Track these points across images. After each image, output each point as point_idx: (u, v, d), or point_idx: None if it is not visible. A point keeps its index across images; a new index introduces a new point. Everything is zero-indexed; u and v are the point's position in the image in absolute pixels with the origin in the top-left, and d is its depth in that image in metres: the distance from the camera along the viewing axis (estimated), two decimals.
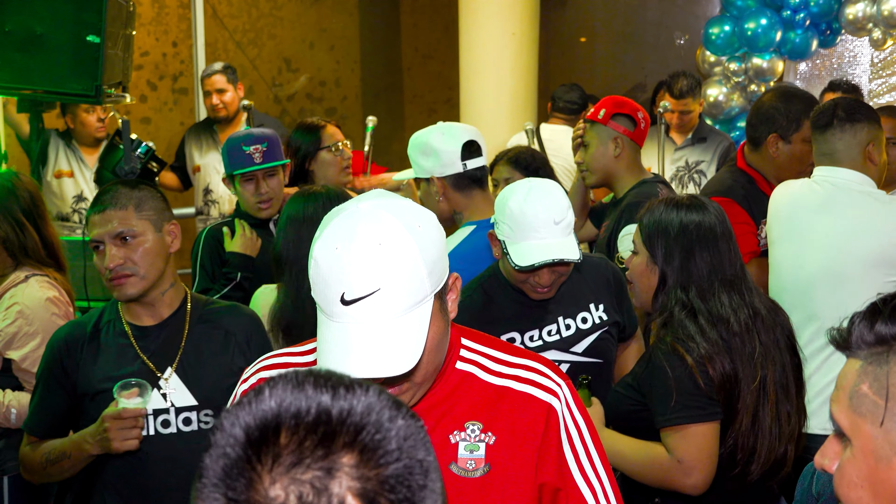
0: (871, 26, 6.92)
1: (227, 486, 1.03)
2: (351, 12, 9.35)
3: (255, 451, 1.04)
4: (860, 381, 1.35)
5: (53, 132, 6.05)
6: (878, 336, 1.35)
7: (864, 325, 1.37)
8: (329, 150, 4.45)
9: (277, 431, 1.05)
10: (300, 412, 1.05)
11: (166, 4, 8.31)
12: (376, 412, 1.07)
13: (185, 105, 8.32)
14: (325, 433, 1.04)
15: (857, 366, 1.37)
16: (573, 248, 3.10)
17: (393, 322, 1.72)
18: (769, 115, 4.22)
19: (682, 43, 8.97)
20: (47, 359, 2.97)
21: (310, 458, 1.03)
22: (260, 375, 2.05)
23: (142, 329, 2.95)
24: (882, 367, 1.34)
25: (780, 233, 3.76)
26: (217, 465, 1.05)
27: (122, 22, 4.51)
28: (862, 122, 3.63)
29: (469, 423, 1.97)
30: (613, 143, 4.14)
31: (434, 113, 9.66)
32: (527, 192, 3.12)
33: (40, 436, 2.99)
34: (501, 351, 2.03)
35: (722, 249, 2.93)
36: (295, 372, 1.11)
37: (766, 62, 7.12)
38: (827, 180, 3.66)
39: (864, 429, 1.33)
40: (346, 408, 1.06)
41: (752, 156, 4.30)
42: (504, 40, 7.33)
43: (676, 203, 2.99)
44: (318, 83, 9.19)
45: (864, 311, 1.40)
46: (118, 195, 2.88)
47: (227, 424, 1.07)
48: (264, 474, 1.03)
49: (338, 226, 1.75)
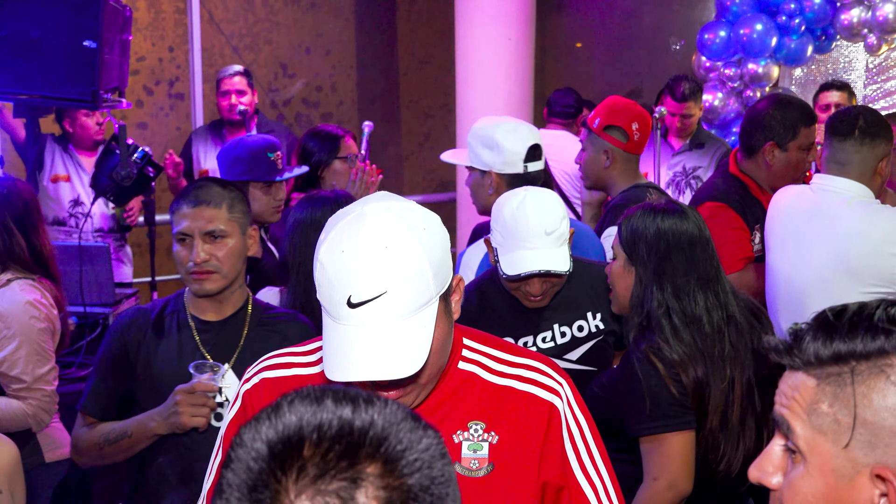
0: (867, 32, 6.94)
1: (252, 499, 1.05)
2: (347, 17, 9.35)
3: (279, 464, 1.06)
4: (818, 400, 1.33)
5: (50, 137, 6.04)
6: (836, 354, 1.33)
7: (820, 341, 1.35)
8: (344, 161, 4.46)
9: (301, 444, 1.06)
10: (322, 425, 1.07)
11: (163, 9, 8.31)
12: (397, 424, 1.09)
13: (182, 110, 8.31)
14: (349, 444, 1.06)
15: (812, 383, 1.34)
16: (563, 259, 3.10)
17: (399, 324, 1.73)
18: (765, 123, 4.22)
19: (677, 48, 8.98)
20: (109, 342, 3.02)
21: (334, 469, 1.05)
22: (263, 375, 2.06)
23: (205, 323, 3.01)
24: (844, 389, 1.32)
25: (775, 239, 3.77)
26: (240, 479, 1.07)
27: (119, 27, 4.51)
28: (881, 138, 3.63)
29: (472, 423, 1.98)
30: (604, 155, 4.15)
31: (430, 118, 9.67)
32: (521, 201, 3.12)
33: (98, 417, 3.04)
34: (503, 351, 2.04)
35: (697, 255, 2.97)
36: (312, 388, 1.13)
37: (761, 67, 7.13)
38: (823, 188, 3.66)
39: (825, 448, 1.32)
40: (368, 420, 1.08)
41: (746, 162, 4.30)
42: (500, 45, 7.33)
43: (654, 209, 3.03)
44: (314, 88, 9.18)
45: (815, 324, 1.38)
46: (213, 193, 2.95)
47: (247, 439, 1.09)
48: (290, 486, 1.04)
49: (343, 229, 1.76)
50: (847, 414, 1.30)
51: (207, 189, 2.96)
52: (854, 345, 1.32)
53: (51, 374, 3.80)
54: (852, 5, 6.92)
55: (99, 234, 6.03)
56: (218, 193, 2.95)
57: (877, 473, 1.29)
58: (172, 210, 2.97)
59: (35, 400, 3.74)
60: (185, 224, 2.91)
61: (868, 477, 1.29)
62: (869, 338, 1.32)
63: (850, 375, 1.31)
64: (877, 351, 1.31)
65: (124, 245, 6.26)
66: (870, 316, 1.34)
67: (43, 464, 3.88)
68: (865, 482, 1.30)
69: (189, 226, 2.91)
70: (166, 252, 8.28)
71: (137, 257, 6.82)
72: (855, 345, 1.32)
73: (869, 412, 1.30)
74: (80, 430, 3.07)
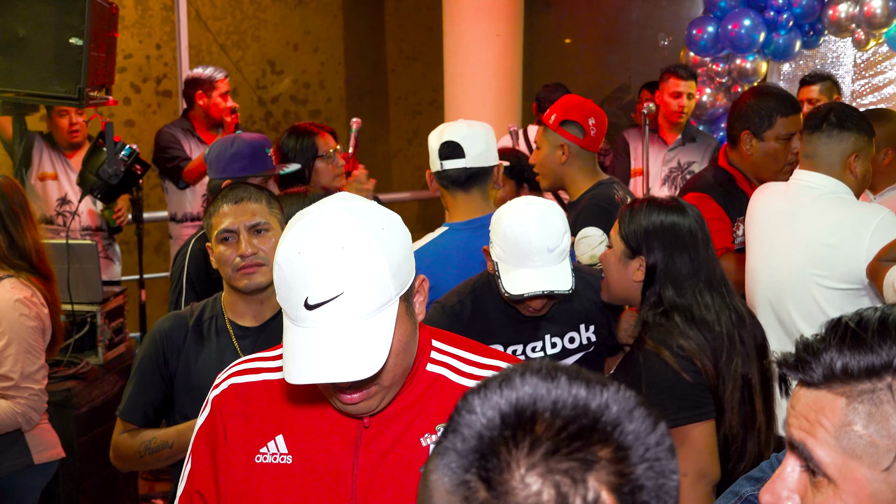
0: (855, 27, 6.95)
1: (480, 465, 1.02)
2: (335, 14, 9.34)
3: (512, 434, 1.03)
4: (849, 422, 1.23)
5: (38, 135, 6.01)
6: (870, 368, 1.22)
7: (849, 353, 1.23)
8: (323, 159, 4.44)
9: (533, 418, 1.04)
10: (558, 401, 1.05)
11: (150, 7, 8.28)
12: (630, 412, 1.06)
13: (169, 107, 8.29)
14: (584, 425, 1.03)
15: (841, 403, 1.23)
16: (566, 277, 3.04)
17: (357, 325, 1.71)
18: (742, 113, 4.24)
19: (665, 44, 8.99)
20: (147, 348, 3.01)
21: (567, 449, 1.02)
22: (231, 381, 2.04)
23: (244, 329, 3.00)
24: (880, 407, 1.21)
25: (753, 235, 3.77)
26: (468, 445, 1.04)
27: (105, 24, 4.49)
28: (850, 132, 3.58)
29: (441, 426, 1.95)
30: (560, 150, 4.09)
31: (419, 115, 9.66)
32: (523, 217, 3.05)
33: (138, 423, 3.02)
34: (472, 352, 2.01)
35: (701, 252, 2.97)
36: (543, 362, 1.10)
37: (749, 63, 7.13)
38: (801, 184, 3.65)
39: (860, 473, 1.22)
40: (604, 403, 1.05)
41: (732, 154, 4.32)
42: (488, 42, 7.33)
43: (659, 204, 3.02)
44: (302, 85, 9.17)
45: (835, 334, 1.26)
46: (250, 190, 2.98)
47: (476, 405, 1.07)
48: (521, 459, 1.02)
49: (301, 230, 1.74)
50: (886, 435, 1.21)
51: (244, 188, 2.99)
52: (891, 356, 1.21)
53: (40, 372, 3.78)
54: (840, 0, 6.93)
55: (87, 233, 6.00)
56: (255, 190, 2.99)
57: None
58: (209, 214, 2.98)
59: (24, 399, 3.72)
60: (229, 221, 2.92)
61: None
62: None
63: (886, 392, 1.21)
64: None
65: (112, 243, 6.23)
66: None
67: (32, 465, 3.87)
68: None
69: (233, 222, 2.92)
70: (154, 250, 8.27)
71: (126, 255, 6.80)
72: (892, 356, 1.21)
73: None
74: (121, 437, 3.04)
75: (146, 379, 3.00)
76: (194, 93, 6.28)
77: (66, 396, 4.43)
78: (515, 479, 1.01)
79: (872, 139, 3.66)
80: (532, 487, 1.00)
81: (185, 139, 6.24)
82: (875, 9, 6.73)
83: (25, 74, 4.26)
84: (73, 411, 4.44)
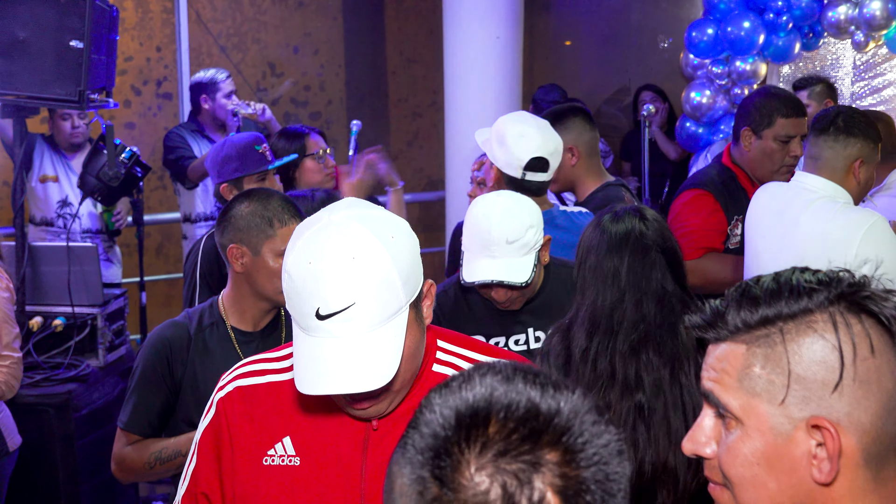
0: (854, 29, 6.95)
1: (433, 463, 1.09)
2: (335, 16, 9.34)
3: (466, 435, 1.09)
4: (749, 364, 1.39)
5: (39, 137, 6.02)
6: (764, 318, 1.39)
7: (746, 308, 1.40)
8: (313, 158, 4.47)
9: (487, 420, 1.10)
10: (511, 404, 1.11)
11: (150, 9, 8.29)
12: (581, 416, 1.12)
13: (170, 110, 8.29)
14: (534, 428, 1.09)
15: (741, 349, 1.40)
16: (522, 270, 3.08)
17: (369, 336, 1.72)
18: (746, 109, 4.26)
19: (665, 46, 8.99)
20: (150, 357, 2.99)
21: (516, 451, 1.08)
22: (237, 384, 2.04)
23: (245, 334, 3.02)
24: (774, 349, 1.37)
25: (751, 233, 3.78)
26: (425, 443, 1.11)
27: (106, 26, 4.50)
28: (857, 137, 3.57)
29: None
30: (569, 153, 4.10)
31: (419, 117, 9.66)
32: (489, 207, 3.11)
33: (144, 435, 3.01)
34: (477, 352, 2.03)
35: (647, 261, 2.82)
36: (503, 363, 1.17)
37: (749, 65, 7.13)
38: (800, 185, 3.65)
39: (761, 408, 1.38)
40: (555, 407, 1.11)
41: (734, 150, 4.33)
42: (488, 44, 7.33)
43: (614, 214, 2.91)
44: (302, 87, 9.17)
45: (737, 295, 1.43)
46: (299, 205, 3.04)
47: (437, 404, 1.13)
48: (472, 459, 1.08)
49: (310, 239, 1.74)
50: (780, 372, 1.37)
51: (295, 203, 3.03)
52: (780, 307, 1.38)
53: (16, 340, 3.79)
54: (839, 2, 6.93)
55: (87, 235, 6.00)
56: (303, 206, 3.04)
57: (813, 424, 1.34)
58: (272, 226, 2.94)
59: (5, 367, 3.73)
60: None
61: (804, 430, 1.36)
62: (793, 300, 1.38)
63: (779, 335, 1.37)
64: (802, 310, 1.37)
65: (113, 245, 6.23)
66: (788, 280, 1.40)
67: (8, 453, 3.86)
68: (802, 435, 1.36)
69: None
70: (155, 252, 8.27)
71: (126, 257, 6.80)
72: (780, 307, 1.38)
73: (801, 367, 1.36)
74: (126, 450, 3.01)
75: (150, 389, 2.99)
76: (198, 97, 6.31)
77: (67, 399, 4.43)
78: (465, 478, 1.07)
79: (878, 145, 3.66)
80: (480, 486, 1.07)
81: (194, 140, 6.24)
82: (875, 11, 6.74)
83: (26, 77, 4.25)
84: (73, 413, 4.45)
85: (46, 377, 4.47)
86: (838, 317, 1.36)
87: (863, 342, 1.35)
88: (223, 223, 3.02)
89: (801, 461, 1.36)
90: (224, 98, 6.26)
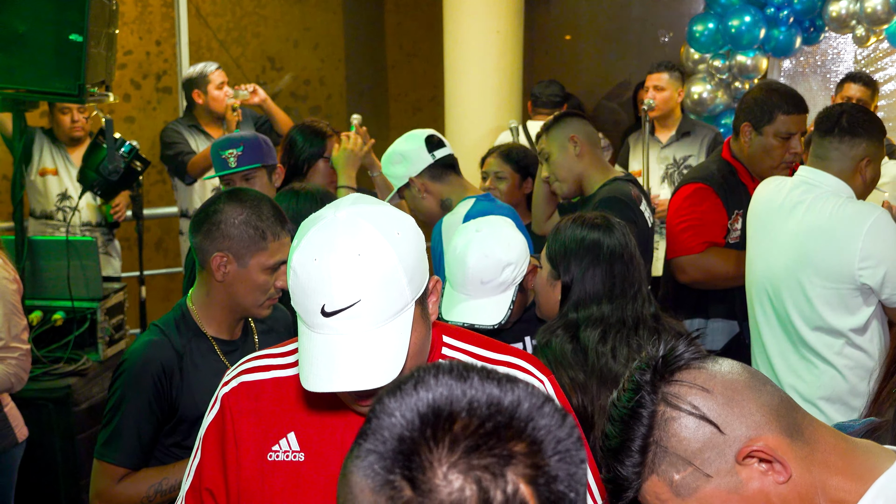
0: (855, 23, 6.94)
1: (403, 465, 1.08)
2: (335, 10, 9.33)
3: (432, 434, 1.09)
4: (669, 480, 1.50)
5: (39, 130, 6.02)
6: (638, 451, 1.50)
7: (623, 460, 1.52)
8: (327, 161, 4.47)
9: (451, 418, 1.10)
10: (473, 401, 1.11)
11: (150, 3, 8.28)
12: (539, 407, 1.13)
13: (169, 104, 8.28)
14: (499, 423, 1.10)
15: (654, 478, 1.51)
16: (494, 312, 3.07)
17: (375, 333, 1.71)
18: (747, 104, 4.23)
19: (666, 41, 8.98)
20: (137, 384, 2.81)
21: (485, 446, 1.08)
22: (241, 379, 2.03)
23: (227, 343, 2.93)
24: (668, 456, 1.49)
25: (753, 228, 3.76)
26: (387, 447, 1.09)
27: (105, 21, 4.49)
28: (861, 138, 3.56)
29: None
30: (571, 144, 4.08)
31: (419, 111, 9.65)
32: (466, 244, 3.09)
33: (136, 467, 2.82)
34: (483, 347, 2.02)
35: (618, 270, 2.90)
36: (454, 363, 1.16)
37: (750, 59, 7.12)
38: (805, 181, 3.64)
39: (707, 489, 1.48)
40: (516, 401, 1.12)
41: (734, 145, 4.31)
42: (488, 38, 7.33)
43: (584, 221, 2.98)
44: (302, 82, 9.17)
45: (605, 457, 1.55)
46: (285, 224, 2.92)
47: (393, 408, 1.12)
48: (442, 458, 1.08)
49: (315, 236, 1.73)
50: (686, 462, 1.48)
51: (284, 215, 2.91)
52: (636, 434, 1.50)
53: (24, 332, 3.79)
54: None
55: (87, 228, 6.01)
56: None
57: (740, 459, 1.46)
58: (265, 239, 2.81)
59: (14, 359, 3.72)
60: (287, 252, 2.82)
61: (742, 467, 1.47)
62: (636, 420, 1.51)
63: (658, 447, 1.49)
64: (649, 417, 1.50)
65: (112, 239, 6.23)
66: (616, 409, 1.53)
67: (17, 443, 3.86)
68: (745, 470, 1.47)
69: (286, 255, 2.76)
70: (154, 246, 8.26)
71: (126, 251, 6.80)
72: (637, 433, 1.50)
73: (691, 445, 1.48)
74: (116, 488, 2.81)
75: (142, 417, 2.81)
76: (191, 92, 6.33)
77: (67, 393, 4.42)
78: (438, 478, 1.07)
79: (883, 141, 3.65)
80: (454, 484, 1.07)
81: (191, 134, 6.25)
82: (876, 5, 6.73)
83: (25, 71, 4.25)
84: (73, 408, 4.44)
85: (46, 371, 4.47)
86: (669, 397, 1.50)
87: (696, 384, 1.50)
88: (209, 227, 2.83)
89: (764, 484, 1.46)
90: (216, 90, 6.27)
